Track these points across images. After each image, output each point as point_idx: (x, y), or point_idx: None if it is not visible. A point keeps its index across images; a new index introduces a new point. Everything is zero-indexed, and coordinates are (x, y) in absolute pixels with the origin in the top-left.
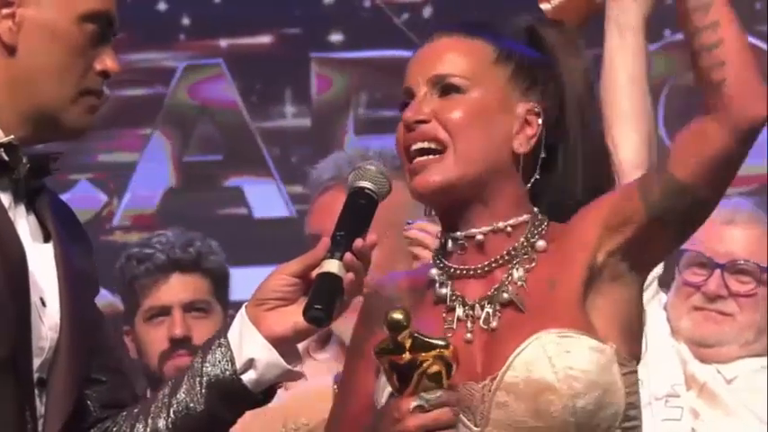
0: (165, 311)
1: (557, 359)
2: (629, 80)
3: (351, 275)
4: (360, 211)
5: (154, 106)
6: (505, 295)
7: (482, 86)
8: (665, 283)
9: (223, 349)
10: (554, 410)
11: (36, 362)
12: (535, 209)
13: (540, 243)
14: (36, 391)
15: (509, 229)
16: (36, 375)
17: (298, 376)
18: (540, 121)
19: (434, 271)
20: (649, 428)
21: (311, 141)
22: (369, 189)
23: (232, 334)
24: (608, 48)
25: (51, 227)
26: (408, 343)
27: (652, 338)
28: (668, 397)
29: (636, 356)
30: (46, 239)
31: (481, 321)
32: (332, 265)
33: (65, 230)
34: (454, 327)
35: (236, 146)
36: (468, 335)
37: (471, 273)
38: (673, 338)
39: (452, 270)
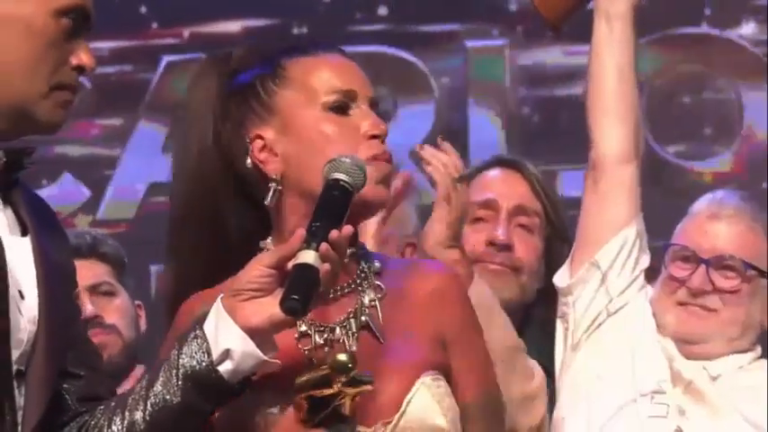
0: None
1: (443, 403)
2: (615, 71)
3: (327, 266)
4: (335, 202)
5: (136, 98)
6: (363, 318)
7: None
8: (650, 277)
9: (199, 341)
10: None
11: (15, 353)
12: None
13: (377, 264)
14: (15, 383)
15: (358, 251)
16: (15, 367)
17: (274, 366)
18: None
19: None
20: (635, 425)
21: None
22: (344, 181)
23: (208, 325)
24: (595, 38)
25: (28, 220)
26: (341, 382)
27: (637, 333)
28: (654, 393)
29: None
30: (23, 233)
31: (341, 344)
32: (308, 256)
33: (41, 224)
34: (310, 352)
35: None
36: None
37: (331, 297)
38: (658, 334)
39: None
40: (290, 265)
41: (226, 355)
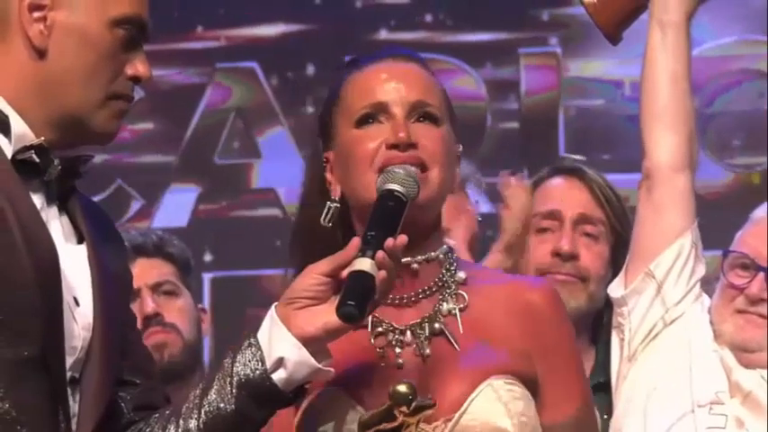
0: (135, 295)
1: (511, 405)
2: (669, 79)
3: (383, 273)
4: (390, 212)
5: (189, 108)
6: (437, 326)
7: (447, 123)
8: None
9: (253, 349)
10: None
11: (69, 360)
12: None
13: (461, 275)
14: (69, 390)
15: (440, 257)
16: (69, 374)
17: (328, 375)
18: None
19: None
20: None
21: None
22: (398, 191)
23: (262, 334)
24: (649, 46)
25: (84, 228)
26: (405, 413)
27: (694, 344)
28: (712, 404)
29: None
30: (79, 241)
31: (414, 348)
32: (364, 264)
33: (98, 232)
34: (384, 352)
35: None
36: (400, 360)
37: (398, 301)
38: (715, 343)
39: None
40: (345, 272)
41: (279, 363)
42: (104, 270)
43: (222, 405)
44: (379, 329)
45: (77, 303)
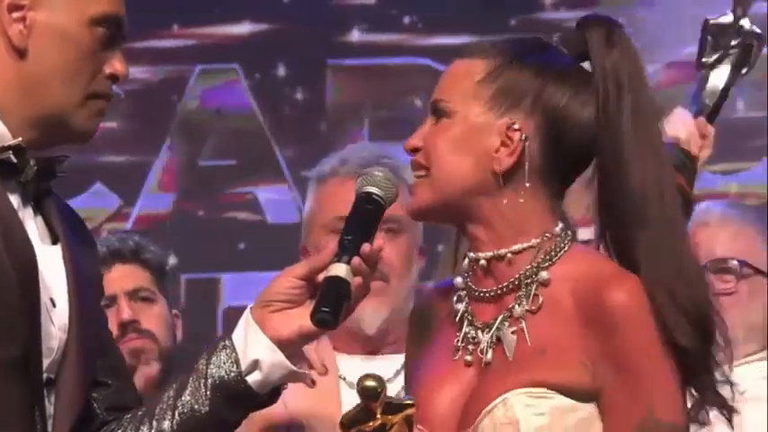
0: (111, 301)
1: (524, 422)
2: None
3: (358, 279)
4: (367, 216)
5: (168, 110)
6: (501, 331)
7: (463, 110)
8: None
9: (228, 351)
10: None
11: (45, 362)
12: (557, 228)
13: (544, 275)
14: (45, 391)
15: (509, 255)
16: (45, 375)
17: (303, 377)
18: (521, 136)
19: (459, 281)
20: None
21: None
22: (376, 195)
23: (237, 336)
24: None
25: (59, 229)
26: (379, 409)
27: None
28: None
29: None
30: (54, 242)
31: (478, 351)
32: (339, 269)
33: (72, 233)
34: (459, 345)
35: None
36: (468, 357)
37: (483, 295)
38: None
39: (471, 288)
40: (320, 277)
41: (255, 365)
42: (79, 271)
43: (196, 406)
44: (465, 323)
45: (54, 304)
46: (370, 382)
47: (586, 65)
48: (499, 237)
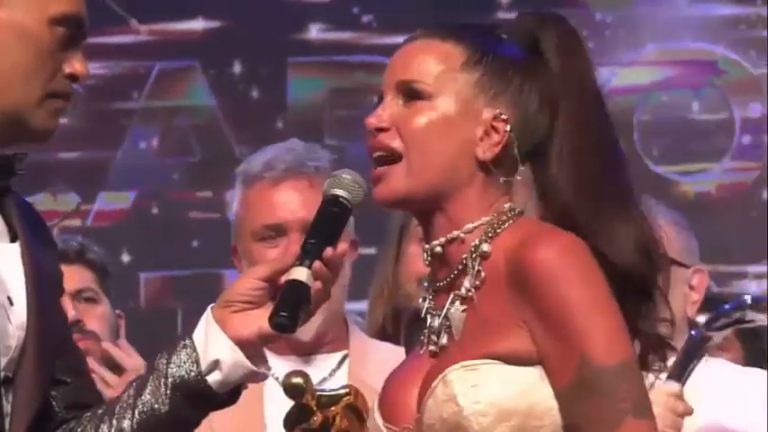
0: None
1: (462, 396)
2: None
3: (318, 284)
4: (332, 219)
5: (126, 107)
6: (451, 310)
7: (446, 93)
8: None
9: (188, 350)
10: None
11: (2, 360)
12: (506, 206)
13: (484, 247)
14: (2, 390)
15: (462, 235)
16: (2, 374)
17: (263, 377)
18: (506, 127)
19: (425, 284)
20: None
21: None
22: (343, 197)
23: (197, 335)
24: None
25: (18, 227)
26: (314, 403)
27: None
28: None
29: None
30: (12, 239)
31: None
32: (300, 273)
33: (31, 231)
34: (424, 339)
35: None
36: (433, 347)
37: (441, 285)
38: None
39: (431, 283)
40: (282, 279)
41: (215, 365)
42: (37, 269)
43: (156, 406)
44: (428, 316)
45: (11, 303)
46: (295, 379)
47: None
48: (456, 220)
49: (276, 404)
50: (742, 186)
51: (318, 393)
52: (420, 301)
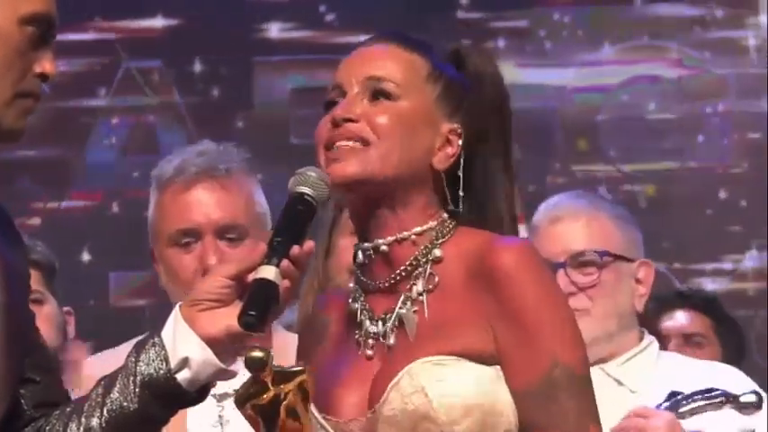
0: None
1: (430, 388)
2: None
3: (286, 282)
4: (298, 217)
5: (92, 105)
6: (403, 311)
7: (412, 98)
8: None
9: (157, 348)
10: None
11: None
12: (444, 215)
13: (436, 252)
14: None
15: (413, 237)
16: None
17: (232, 375)
18: (460, 142)
19: (351, 285)
20: None
21: None
22: (308, 195)
23: (166, 333)
24: None
25: None
26: (269, 379)
27: None
28: None
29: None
30: None
31: (380, 339)
32: (268, 272)
33: None
34: (360, 341)
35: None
36: (369, 351)
37: (379, 286)
38: None
39: (364, 283)
40: (249, 278)
41: (184, 363)
42: (7, 267)
43: (125, 404)
44: (362, 317)
45: None
46: (256, 353)
47: None
48: (403, 221)
49: (197, 408)
50: (701, 185)
51: (276, 370)
52: (350, 301)
